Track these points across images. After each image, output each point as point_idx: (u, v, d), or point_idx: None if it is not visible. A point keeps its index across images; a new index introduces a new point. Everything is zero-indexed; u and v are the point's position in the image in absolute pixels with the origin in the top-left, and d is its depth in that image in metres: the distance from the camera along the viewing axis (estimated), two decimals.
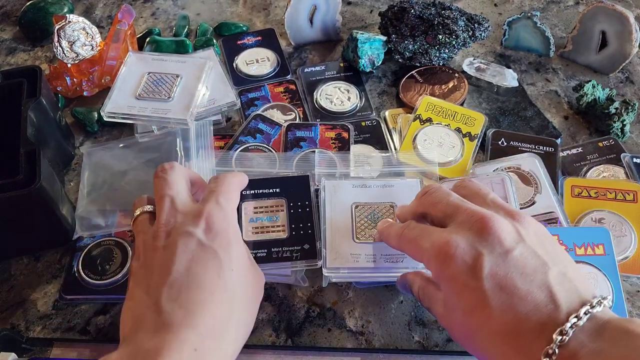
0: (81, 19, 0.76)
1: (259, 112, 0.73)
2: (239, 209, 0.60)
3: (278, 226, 0.59)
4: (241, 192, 0.61)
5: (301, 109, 0.75)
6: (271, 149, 0.68)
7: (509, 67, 0.80)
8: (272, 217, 0.59)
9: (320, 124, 0.71)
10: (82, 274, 0.59)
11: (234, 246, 0.46)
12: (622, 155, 0.67)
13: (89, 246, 0.61)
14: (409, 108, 0.75)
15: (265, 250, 0.57)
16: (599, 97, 0.72)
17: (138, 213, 0.51)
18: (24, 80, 0.63)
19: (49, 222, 0.59)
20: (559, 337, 0.37)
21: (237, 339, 0.45)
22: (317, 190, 0.62)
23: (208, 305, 0.42)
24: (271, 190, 0.61)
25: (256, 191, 0.61)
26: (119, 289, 0.58)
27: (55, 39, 0.74)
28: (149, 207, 0.51)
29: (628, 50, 0.75)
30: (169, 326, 0.40)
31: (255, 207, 0.60)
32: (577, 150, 0.69)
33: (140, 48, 0.82)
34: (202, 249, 0.44)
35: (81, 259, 0.60)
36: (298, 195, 0.60)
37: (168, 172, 0.51)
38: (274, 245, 0.57)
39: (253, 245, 0.57)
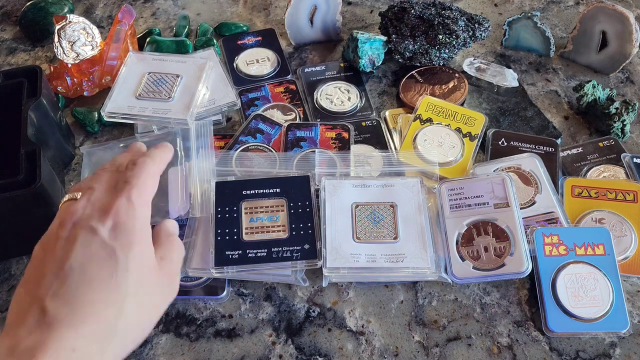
0: (81, 19, 0.76)
1: (259, 112, 0.73)
2: (238, 208, 0.60)
3: (278, 226, 0.59)
4: (241, 192, 0.61)
5: (301, 109, 0.75)
6: (271, 149, 0.68)
7: (509, 67, 0.80)
8: (272, 217, 0.59)
9: (320, 124, 0.71)
10: None
11: (135, 246, 0.44)
12: (623, 155, 0.67)
13: None
14: (409, 108, 0.75)
15: (266, 250, 0.57)
16: (599, 97, 0.72)
17: (66, 199, 0.48)
18: (25, 80, 0.63)
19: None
20: None
21: (125, 342, 0.42)
22: (317, 190, 0.62)
23: (95, 306, 0.41)
24: (271, 190, 0.61)
25: (256, 191, 0.61)
26: None
27: (56, 39, 0.74)
28: (78, 195, 0.48)
29: (628, 50, 0.75)
30: (50, 324, 0.39)
31: (255, 207, 0.60)
32: (578, 150, 0.69)
33: (141, 48, 0.82)
34: (102, 247, 0.43)
35: None
36: (298, 195, 0.60)
37: (132, 170, 0.49)
38: (274, 245, 0.57)
39: (253, 245, 0.57)
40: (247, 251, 0.57)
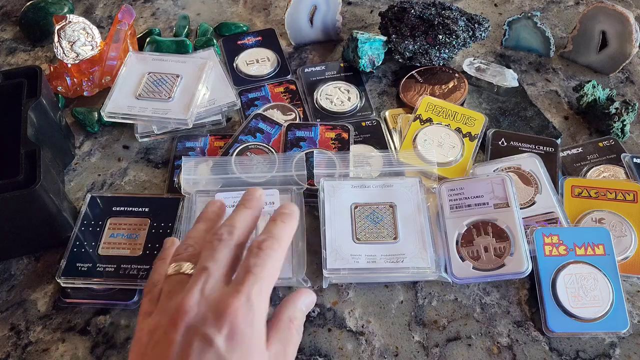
0: (81, 19, 0.76)
1: (259, 111, 0.73)
2: (103, 223, 0.61)
3: (135, 244, 0.59)
4: (112, 208, 0.61)
5: (301, 109, 0.75)
6: (271, 149, 0.68)
7: (509, 67, 0.80)
8: (132, 234, 0.60)
9: (320, 124, 0.71)
10: None
11: (254, 356, 0.40)
12: (622, 155, 0.67)
13: None
14: (409, 108, 0.75)
15: (114, 266, 0.57)
16: (599, 97, 0.72)
17: (173, 271, 0.42)
18: (24, 81, 0.63)
19: (49, 222, 0.59)
20: None
21: None
22: (315, 191, 0.62)
23: None
24: (139, 209, 0.61)
25: (125, 208, 0.62)
26: (117, 295, 0.58)
27: (56, 39, 0.74)
28: (189, 268, 0.42)
29: (628, 50, 0.75)
30: None
31: (119, 224, 0.61)
32: (577, 150, 0.69)
33: (141, 48, 0.82)
34: None
35: None
36: (163, 217, 0.61)
37: (257, 256, 0.41)
38: (124, 262, 0.57)
39: (105, 260, 0.58)
40: (97, 265, 0.58)
